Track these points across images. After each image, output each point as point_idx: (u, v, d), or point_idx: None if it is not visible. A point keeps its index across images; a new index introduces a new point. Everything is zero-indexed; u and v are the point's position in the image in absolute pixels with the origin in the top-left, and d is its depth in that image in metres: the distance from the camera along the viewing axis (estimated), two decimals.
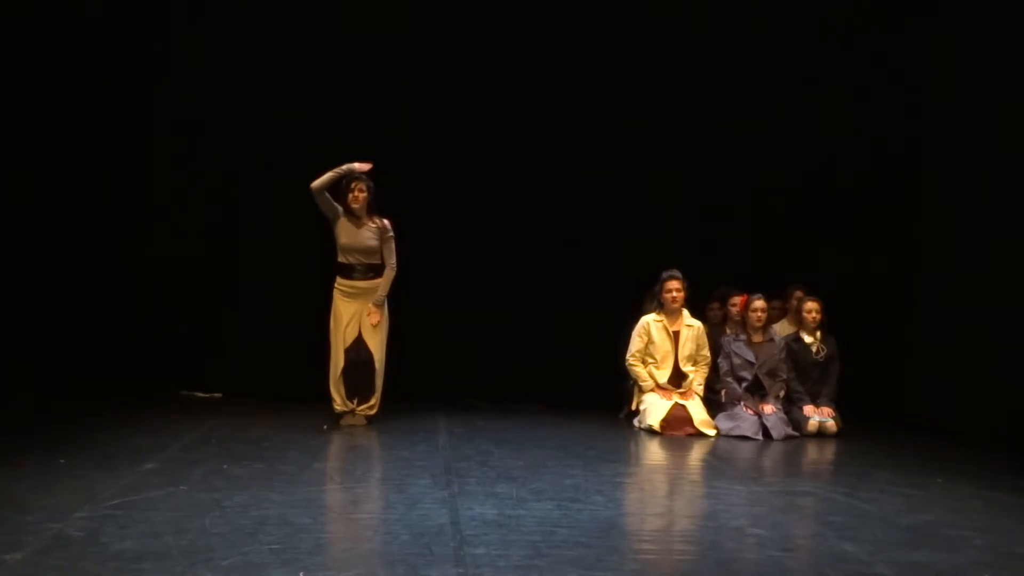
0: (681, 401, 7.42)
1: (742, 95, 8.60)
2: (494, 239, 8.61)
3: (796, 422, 7.45)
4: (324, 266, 7.29)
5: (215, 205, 8.60)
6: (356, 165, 7.06)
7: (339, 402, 7.14)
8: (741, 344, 7.70)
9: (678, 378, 7.61)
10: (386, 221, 7.17)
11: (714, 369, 7.75)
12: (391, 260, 7.19)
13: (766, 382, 7.61)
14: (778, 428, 7.29)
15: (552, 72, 8.52)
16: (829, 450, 7.04)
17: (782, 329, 8.13)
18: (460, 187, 8.55)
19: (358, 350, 7.13)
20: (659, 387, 7.55)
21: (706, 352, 7.70)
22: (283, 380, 8.21)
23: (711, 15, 8.50)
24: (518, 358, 8.64)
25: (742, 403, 7.46)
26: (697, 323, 7.74)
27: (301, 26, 8.36)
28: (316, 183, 6.99)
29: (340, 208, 7.09)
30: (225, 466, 5.47)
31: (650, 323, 7.67)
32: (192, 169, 8.55)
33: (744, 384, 7.61)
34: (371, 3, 8.35)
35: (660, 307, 7.70)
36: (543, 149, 8.59)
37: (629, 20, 8.52)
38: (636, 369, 7.65)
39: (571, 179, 8.62)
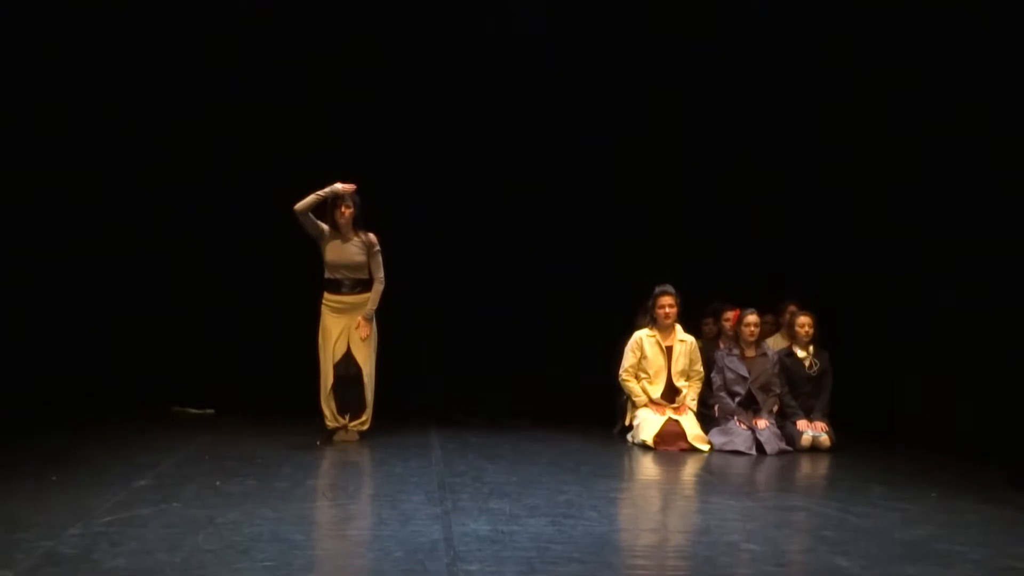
0: (675, 416, 7.42)
1: (738, 106, 8.56)
2: (488, 254, 8.56)
3: (789, 437, 7.45)
4: (316, 282, 7.27)
5: (208, 220, 8.58)
6: (339, 186, 7.03)
7: (330, 418, 7.14)
8: (734, 359, 7.71)
9: (671, 393, 7.60)
10: (372, 236, 7.17)
11: (707, 384, 7.76)
12: (379, 274, 7.18)
13: (759, 397, 7.62)
14: (771, 443, 7.30)
15: (552, 75, 8.43)
16: (822, 465, 7.04)
17: (775, 344, 8.14)
18: (454, 199, 8.50)
19: (347, 365, 7.13)
20: (652, 402, 7.55)
21: (699, 367, 7.70)
22: (276, 396, 8.18)
23: (711, 19, 8.39)
24: (511, 374, 8.60)
25: (735, 418, 7.47)
26: (690, 338, 7.75)
27: (300, 30, 8.28)
28: (300, 205, 6.98)
29: (325, 227, 7.08)
30: (218, 483, 5.46)
31: (643, 338, 7.67)
32: (184, 184, 8.50)
33: (737, 399, 7.61)
34: (372, 3, 8.28)
35: (653, 322, 7.69)
36: (542, 159, 8.51)
37: (629, 20, 8.43)
38: (629, 384, 7.65)
39: (568, 191, 8.56)
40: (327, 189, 7.02)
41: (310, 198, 6.99)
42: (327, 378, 7.13)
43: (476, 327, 8.55)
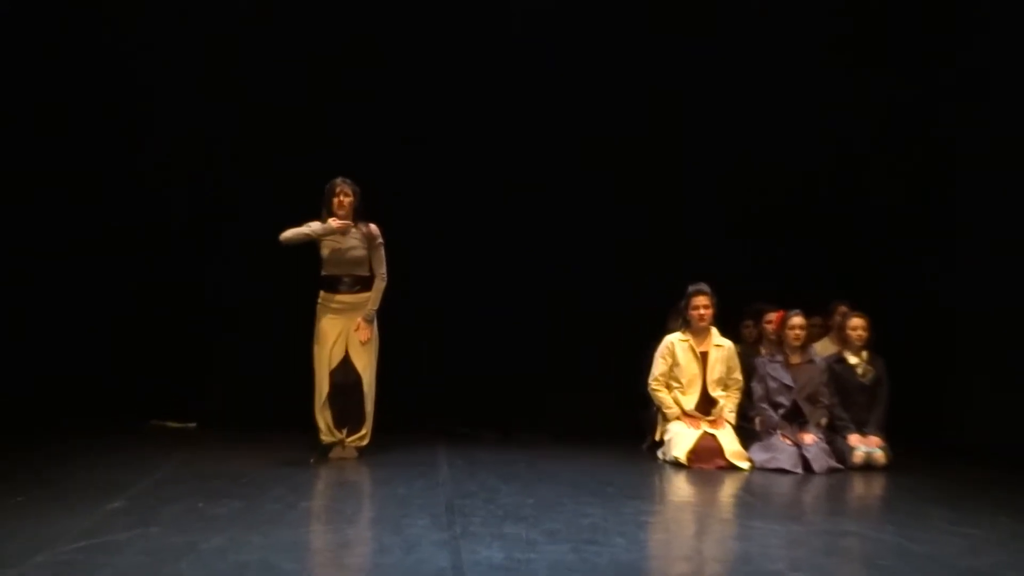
0: (710, 430, 7.43)
1: (738, 106, 8.89)
2: (488, 254, 8.83)
3: (840, 453, 7.45)
4: (309, 280, 7.34)
5: (190, 216, 8.84)
6: (335, 223, 7.07)
7: (325, 432, 7.17)
8: (777, 366, 7.71)
9: (707, 404, 7.62)
10: (373, 227, 7.21)
11: (747, 394, 7.77)
12: (381, 270, 7.22)
13: (806, 408, 7.62)
14: (820, 460, 7.29)
15: (552, 75, 8.79)
16: (877, 484, 7.04)
17: (824, 349, 8.15)
18: (454, 199, 8.81)
19: (345, 372, 7.16)
20: (686, 415, 7.56)
21: (738, 375, 7.71)
22: (264, 408, 8.32)
23: (711, 19, 8.78)
24: (526, 383, 8.75)
25: (779, 432, 7.46)
26: (727, 343, 7.76)
27: (300, 30, 8.65)
28: (285, 237, 7.02)
29: (317, 227, 7.11)
30: (200, 504, 5.47)
31: (675, 343, 7.69)
32: (169, 182, 8.81)
33: (781, 411, 7.62)
34: (372, 3, 8.64)
35: (686, 325, 7.72)
36: (542, 159, 8.87)
37: (629, 20, 8.79)
38: (660, 395, 7.66)
39: (568, 191, 8.87)
40: (321, 228, 7.05)
41: (299, 235, 7.03)
42: (322, 387, 7.15)
43: (477, 328, 8.82)
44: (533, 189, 8.79)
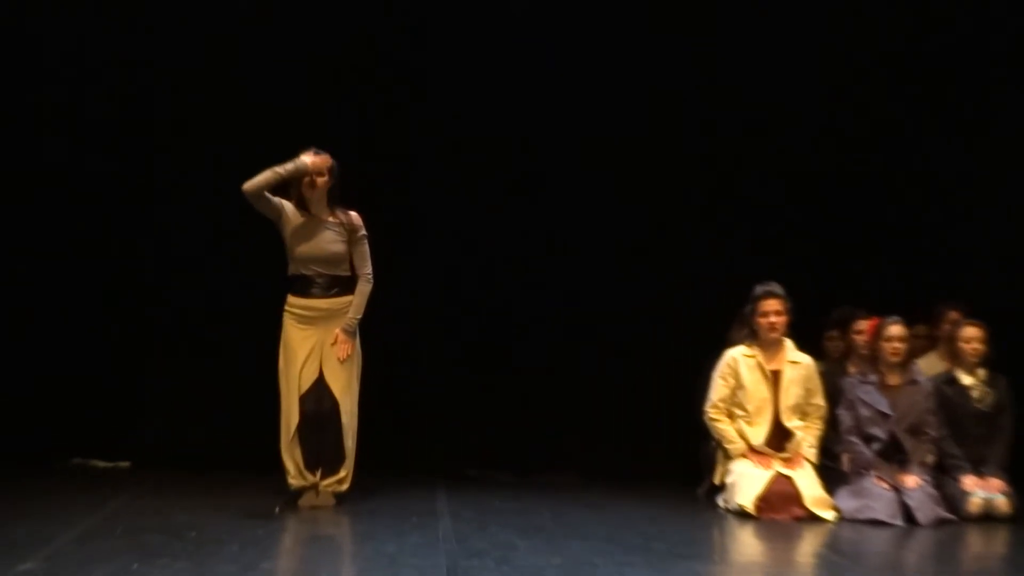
0: (785, 471, 7.41)
1: (738, 106, 9.71)
2: (497, 252, 9.40)
3: (951, 500, 7.44)
4: (274, 281, 7.37)
5: (189, 216, 9.29)
6: (308, 159, 7.06)
7: (295, 473, 7.13)
8: (871, 388, 7.68)
9: (780, 437, 7.62)
10: (354, 215, 7.22)
11: (832, 424, 7.75)
12: (365, 269, 7.23)
13: (908, 442, 7.60)
14: (925, 509, 7.25)
15: (552, 75, 9.66)
16: (999, 539, 7.04)
17: (930, 366, 8.13)
18: (454, 199, 9.50)
19: (319, 398, 7.12)
20: (753, 451, 7.55)
21: (819, 400, 7.70)
22: (215, 443, 8.45)
23: (711, 19, 9.71)
24: (549, 411, 8.96)
25: (873, 473, 7.44)
26: (806, 359, 7.76)
27: (300, 30, 9.47)
28: (251, 185, 6.98)
29: (286, 204, 7.11)
30: (135, 566, 5.39)
31: (739, 359, 7.68)
32: (183, 186, 9.38)
33: (876, 445, 7.59)
34: (372, 3, 9.69)
35: (753, 336, 7.71)
36: (542, 159, 9.70)
37: (629, 20, 9.74)
38: (720, 425, 7.65)
39: (568, 191, 9.52)
40: (290, 165, 7.04)
41: (267, 175, 6.99)
42: (290, 417, 7.11)
43: (500, 347, 9.29)
44: (533, 189, 9.55)
